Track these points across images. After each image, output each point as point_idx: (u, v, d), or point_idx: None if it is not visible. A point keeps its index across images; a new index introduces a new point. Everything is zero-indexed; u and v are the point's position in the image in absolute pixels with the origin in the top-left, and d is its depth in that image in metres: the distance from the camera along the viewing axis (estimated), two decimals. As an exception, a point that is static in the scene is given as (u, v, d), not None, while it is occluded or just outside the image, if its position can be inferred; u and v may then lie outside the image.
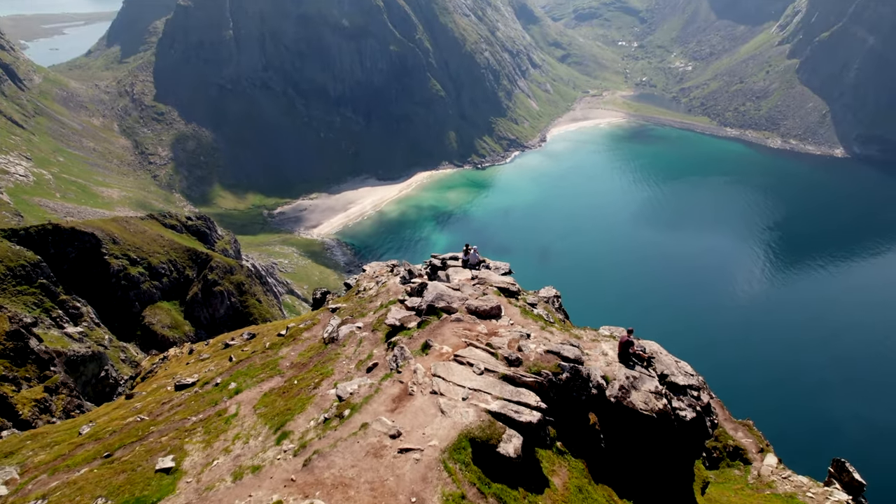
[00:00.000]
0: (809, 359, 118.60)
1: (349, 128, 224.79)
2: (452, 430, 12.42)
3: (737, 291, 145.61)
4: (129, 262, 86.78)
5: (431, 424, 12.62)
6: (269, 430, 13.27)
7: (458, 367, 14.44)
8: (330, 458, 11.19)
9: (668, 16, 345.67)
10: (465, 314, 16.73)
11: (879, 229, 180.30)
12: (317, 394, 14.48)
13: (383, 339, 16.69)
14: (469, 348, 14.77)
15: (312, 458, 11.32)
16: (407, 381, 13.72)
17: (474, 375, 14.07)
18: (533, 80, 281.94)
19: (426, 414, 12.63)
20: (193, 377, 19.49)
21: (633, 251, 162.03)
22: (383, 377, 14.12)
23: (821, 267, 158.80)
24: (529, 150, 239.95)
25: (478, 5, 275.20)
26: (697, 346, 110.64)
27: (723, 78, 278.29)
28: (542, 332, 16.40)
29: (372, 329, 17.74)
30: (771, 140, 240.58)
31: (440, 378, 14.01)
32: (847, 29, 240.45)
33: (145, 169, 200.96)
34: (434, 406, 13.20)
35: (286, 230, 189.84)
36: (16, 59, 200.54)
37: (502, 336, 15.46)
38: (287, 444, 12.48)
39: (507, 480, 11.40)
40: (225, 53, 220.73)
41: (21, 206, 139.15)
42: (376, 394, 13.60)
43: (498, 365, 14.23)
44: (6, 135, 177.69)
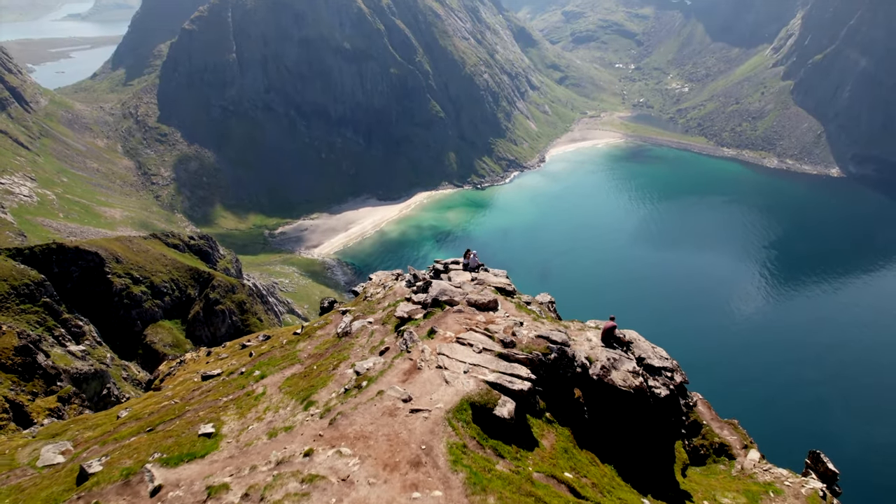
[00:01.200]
0: (801, 373, 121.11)
1: (350, 149, 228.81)
2: (455, 396, 14.68)
3: (734, 309, 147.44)
4: (132, 281, 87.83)
5: (437, 392, 14.92)
6: (296, 401, 15.36)
7: (459, 347, 16.85)
8: (351, 417, 13.37)
9: (663, 38, 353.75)
10: (465, 306, 19.13)
11: (876, 248, 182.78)
12: (336, 373, 16.64)
13: (393, 330, 18.96)
14: (469, 332, 17.19)
15: (336, 419, 13.48)
16: (416, 358, 16.08)
17: (474, 353, 16.46)
18: (532, 101, 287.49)
19: (433, 384, 14.89)
20: (218, 370, 21.35)
21: (631, 269, 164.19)
22: (395, 356, 16.45)
23: (817, 285, 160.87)
24: (528, 171, 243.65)
25: (477, 29, 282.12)
26: (694, 359, 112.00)
27: (719, 99, 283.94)
28: (534, 322, 18.71)
29: (382, 323, 19.99)
30: (767, 160, 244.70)
31: (444, 356, 16.37)
32: (840, 51, 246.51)
33: (148, 189, 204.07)
34: (439, 378, 15.47)
35: (287, 250, 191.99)
36: (23, 82, 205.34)
37: (498, 324, 17.88)
38: (313, 409, 14.60)
39: (502, 437, 13.62)
40: (228, 76, 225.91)
41: (24, 226, 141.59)
42: (389, 369, 15.86)
43: (494, 346, 16.69)
44: (11, 156, 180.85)
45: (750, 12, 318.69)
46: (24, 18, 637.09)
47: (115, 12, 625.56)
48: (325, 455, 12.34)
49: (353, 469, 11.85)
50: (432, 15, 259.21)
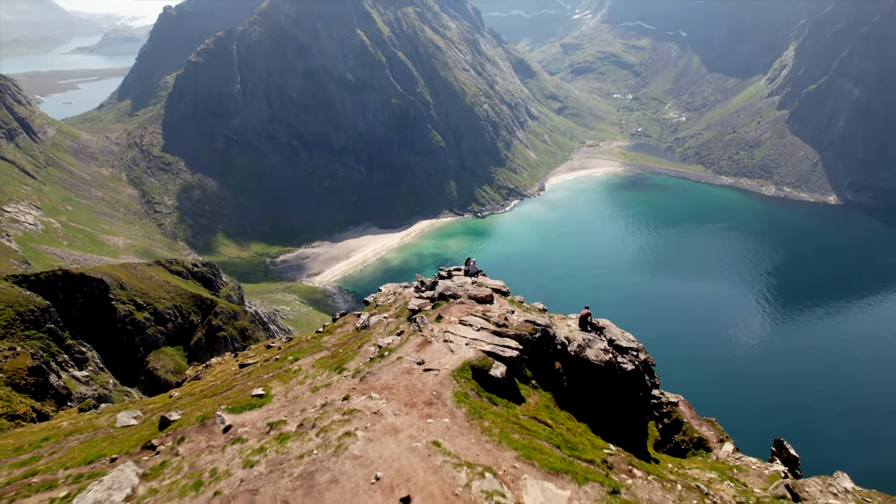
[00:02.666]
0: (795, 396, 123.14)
1: (352, 177, 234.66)
2: (459, 360, 18.43)
3: (732, 335, 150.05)
4: (136, 308, 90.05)
5: (444, 357, 18.66)
6: (330, 370, 18.97)
7: (462, 327, 20.82)
8: (377, 375, 17.07)
9: (660, 69, 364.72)
10: (466, 300, 23.14)
11: (875, 274, 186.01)
12: (360, 351, 20.34)
13: (406, 319, 22.83)
14: (470, 317, 21.16)
15: (366, 377, 17.21)
16: (426, 335, 19.98)
17: (473, 331, 20.35)
18: (531, 131, 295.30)
19: (440, 352, 18.68)
20: (252, 361, 24.76)
21: (631, 294, 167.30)
22: (410, 335, 20.32)
23: (816, 312, 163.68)
24: (528, 199, 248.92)
25: (477, 60, 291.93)
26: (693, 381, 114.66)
27: (716, 128, 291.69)
28: (524, 311, 22.58)
29: (396, 315, 23.78)
30: (765, 187, 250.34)
31: (450, 333, 20.21)
32: (833, 82, 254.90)
33: (151, 217, 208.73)
34: (446, 348, 19.30)
35: (288, 278, 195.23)
36: (31, 112, 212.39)
37: (494, 312, 21.88)
38: (346, 373, 18.28)
39: (495, 392, 17.36)
40: (232, 106, 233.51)
41: (28, 254, 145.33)
42: (405, 343, 19.66)
43: (490, 326, 20.69)
44: (18, 185, 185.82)
45: (744, 43, 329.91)
46: (34, 52, 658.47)
47: (122, 45, 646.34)
48: (359, 399, 15.95)
49: (381, 406, 15.47)
50: (433, 47, 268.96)
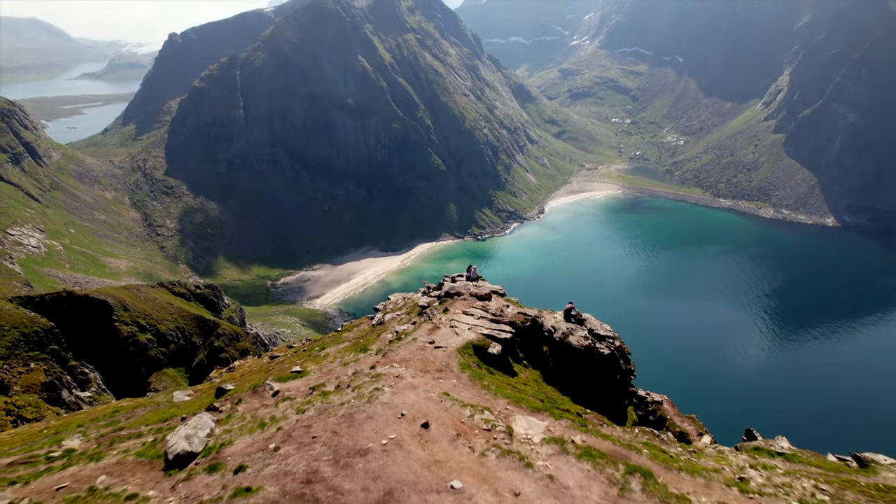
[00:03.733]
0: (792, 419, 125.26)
1: (352, 201, 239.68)
2: (462, 341, 22.47)
3: (732, 358, 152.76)
4: (139, 329, 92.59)
5: (451, 339, 22.63)
6: (356, 351, 22.75)
7: (465, 316, 24.83)
8: (396, 352, 20.91)
9: (658, 94, 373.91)
10: (469, 297, 27.27)
11: (875, 296, 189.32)
12: (380, 337, 24.32)
13: (417, 314, 26.61)
14: (472, 309, 25.16)
15: (387, 353, 21.11)
16: (436, 322, 24.11)
17: (474, 320, 24.37)
18: (530, 154, 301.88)
19: (448, 335, 22.66)
20: (281, 354, 28.34)
21: (630, 315, 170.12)
22: (422, 323, 24.19)
23: (816, 334, 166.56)
24: (528, 222, 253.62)
25: (477, 86, 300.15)
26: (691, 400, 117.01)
27: (714, 151, 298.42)
28: (517, 306, 26.42)
29: (407, 312, 27.72)
30: (764, 210, 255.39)
31: (455, 321, 24.21)
32: (828, 106, 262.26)
33: (153, 240, 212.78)
34: (452, 332, 23.27)
35: (289, 301, 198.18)
36: (37, 137, 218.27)
37: (492, 306, 26.00)
38: (369, 352, 22.10)
39: (492, 365, 21.34)
40: (235, 130, 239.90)
41: (31, 277, 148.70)
42: (418, 329, 23.66)
43: (488, 316, 24.84)
44: (23, 208, 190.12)
45: (740, 69, 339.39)
46: (40, 78, 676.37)
47: (127, 71, 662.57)
48: (383, 367, 19.71)
49: (401, 371, 19.28)
50: (433, 73, 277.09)
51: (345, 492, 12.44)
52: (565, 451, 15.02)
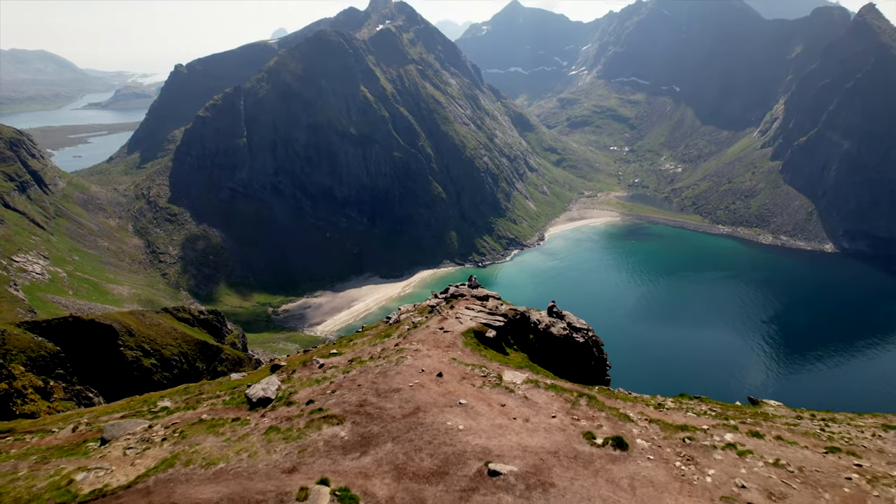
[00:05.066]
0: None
1: (354, 228, 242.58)
2: (465, 327, 28.04)
3: (731, 382, 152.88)
4: (143, 354, 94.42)
5: (456, 326, 28.08)
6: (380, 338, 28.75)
7: (467, 311, 30.58)
8: (414, 335, 27.09)
9: (655, 122, 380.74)
10: (470, 297, 33.58)
11: (875, 322, 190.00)
12: (398, 329, 30.67)
13: (427, 312, 32.77)
14: (473, 305, 31.51)
15: (406, 336, 27.45)
16: (444, 315, 30.02)
17: (474, 313, 30.14)
18: (530, 182, 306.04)
19: (454, 324, 28.50)
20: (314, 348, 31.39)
21: (631, 342, 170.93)
22: (432, 316, 30.56)
23: (814, 359, 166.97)
24: (528, 249, 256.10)
25: (477, 115, 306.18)
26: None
27: (712, 178, 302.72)
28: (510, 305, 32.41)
29: (419, 312, 33.99)
30: (762, 236, 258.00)
31: (459, 314, 29.97)
32: (822, 134, 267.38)
33: (155, 267, 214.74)
34: (457, 322, 28.87)
35: (290, 327, 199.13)
36: (44, 166, 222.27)
37: (489, 304, 32.13)
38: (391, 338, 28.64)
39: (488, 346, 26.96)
40: (238, 159, 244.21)
41: (35, 303, 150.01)
42: (430, 320, 29.67)
43: (486, 310, 30.67)
44: (28, 235, 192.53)
45: (735, 98, 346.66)
46: (48, 108, 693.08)
47: (132, 101, 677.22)
48: (404, 345, 25.05)
49: (419, 347, 24.54)
50: (434, 102, 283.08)
51: (386, 408, 17.74)
52: (537, 386, 20.65)
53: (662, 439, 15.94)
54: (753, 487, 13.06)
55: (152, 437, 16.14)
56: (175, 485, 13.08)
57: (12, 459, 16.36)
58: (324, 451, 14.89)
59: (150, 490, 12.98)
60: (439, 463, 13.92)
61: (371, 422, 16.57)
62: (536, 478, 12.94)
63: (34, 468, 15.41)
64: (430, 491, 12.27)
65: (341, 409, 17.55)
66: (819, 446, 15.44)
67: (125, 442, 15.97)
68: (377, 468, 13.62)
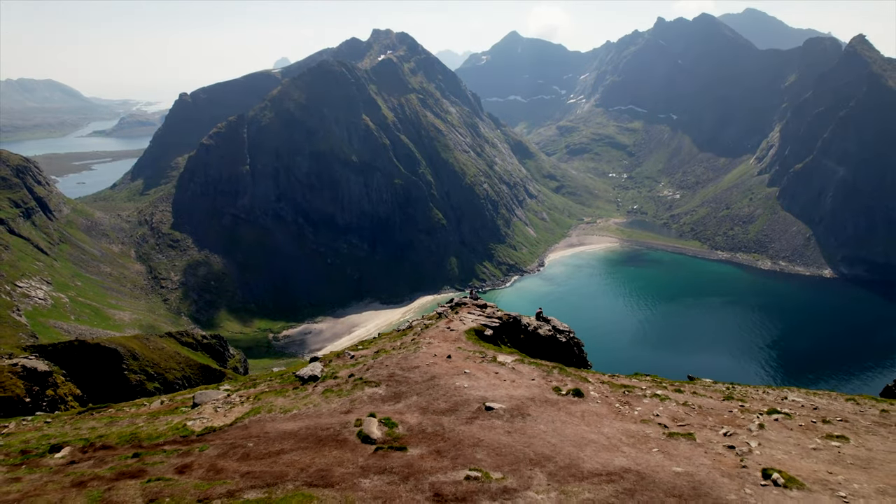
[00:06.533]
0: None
1: (355, 254, 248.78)
2: (467, 327, 33.99)
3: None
4: (147, 378, 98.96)
5: (460, 326, 34.13)
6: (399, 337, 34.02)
7: (468, 315, 36.93)
8: (426, 333, 33.00)
9: (653, 150, 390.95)
10: (471, 305, 40.16)
11: (875, 347, 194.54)
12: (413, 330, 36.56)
13: (436, 317, 38.76)
14: (473, 310, 37.56)
15: (420, 333, 33.45)
16: (449, 318, 36.67)
17: (475, 316, 36.52)
18: (530, 209, 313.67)
19: (458, 325, 34.72)
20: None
21: (631, 368, 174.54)
22: (440, 320, 36.71)
23: (814, 385, 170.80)
24: (528, 275, 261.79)
25: (476, 142, 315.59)
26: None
27: (710, 205, 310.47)
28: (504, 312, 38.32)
29: (429, 319, 38.76)
30: (761, 262, 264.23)
31: (462, 317, 36.32)
32: (818, 161, 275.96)
33: (157, 293, 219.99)
34: (461, 322, 34.90)
35: (290, 353, 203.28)
36: (49, 192, 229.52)
37: (487, 310, 38.39)
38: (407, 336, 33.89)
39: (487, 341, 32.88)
40: (241, 186, 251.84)
41: (36, 328, 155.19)
42: (438, 322, 36.04)
43: (484, 314, 37.32)
44: (32, 261, 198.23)
45: (732, 125, 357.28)
46: (53, 135, 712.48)
47: (136, 129, 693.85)
48: (420, 339, 30.78)
49: (431, 341, 30.16)
50: (434, 130, 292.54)
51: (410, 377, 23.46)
52: (523, 362, 26.45)
53: (609, 392, 21.74)
54: (664, 416, 18.82)
55: (233, 401, 21.99)
56: (264, 423, 18.88)
57: (126, 419, 22.16)
58: (368, 401, 20.49)
59: (247, 426, 18.78)
60: (451, 405, 19.49)
61: (399, 385, 22.33)
62: (518, 411, 18.60)
63: (149, 421, 21.23)
64: (446, 419, 18.05)
65: (376, 378, 23.52)
66: (720, 397, 21.37)
67: (213, 404, 21.77)
68: (407, 409, 19.28)
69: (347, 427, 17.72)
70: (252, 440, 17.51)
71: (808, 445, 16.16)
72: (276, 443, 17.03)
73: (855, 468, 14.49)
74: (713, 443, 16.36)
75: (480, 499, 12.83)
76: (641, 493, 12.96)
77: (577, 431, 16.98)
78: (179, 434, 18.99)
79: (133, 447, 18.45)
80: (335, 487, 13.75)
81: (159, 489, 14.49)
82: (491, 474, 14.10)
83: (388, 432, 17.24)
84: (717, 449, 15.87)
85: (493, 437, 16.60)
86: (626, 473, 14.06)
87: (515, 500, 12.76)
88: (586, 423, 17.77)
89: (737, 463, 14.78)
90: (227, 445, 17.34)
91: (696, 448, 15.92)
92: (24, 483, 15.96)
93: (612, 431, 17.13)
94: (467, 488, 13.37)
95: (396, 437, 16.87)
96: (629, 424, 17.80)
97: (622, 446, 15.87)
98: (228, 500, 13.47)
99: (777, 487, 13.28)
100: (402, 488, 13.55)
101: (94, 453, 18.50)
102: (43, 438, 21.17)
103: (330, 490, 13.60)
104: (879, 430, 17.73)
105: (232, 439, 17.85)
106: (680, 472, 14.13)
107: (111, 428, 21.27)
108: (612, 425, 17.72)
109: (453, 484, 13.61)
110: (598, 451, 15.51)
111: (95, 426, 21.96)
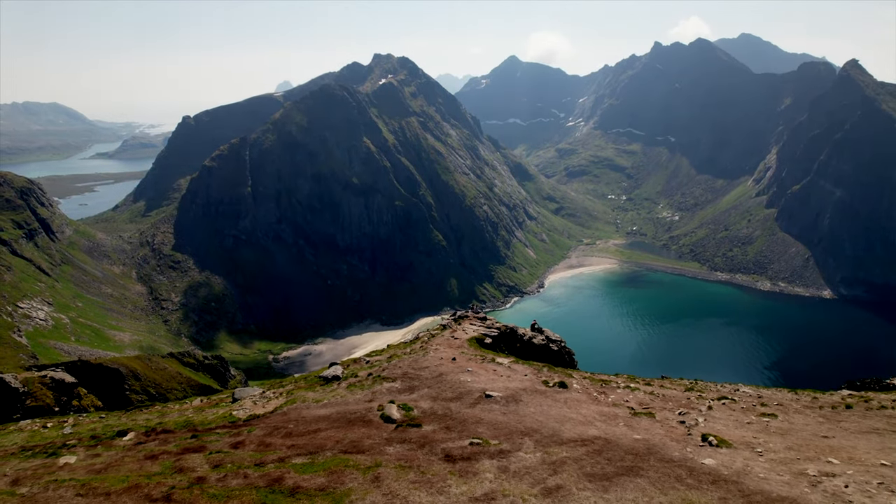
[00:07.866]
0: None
1: (355, 276, 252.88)
2: (469, 336, 38.58)
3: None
4: (148, 398, 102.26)
5: (463, 335, 38.58)
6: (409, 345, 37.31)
7: (470, 325, 41.63)
8: (433, 341, 36.91)
9: (652, 172, 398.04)
10: (472, 317, 44.26)
11: (876, 369, 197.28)
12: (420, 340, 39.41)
13: (441, 329, 41.28)
14: (474, 322, 40.78)
15: (428, 341, 37.39)
16: (453, 328, 41.14)
17: (476, 327, 41.19)
18: (529, 230, 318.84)
19: (461, 334, 39.15)
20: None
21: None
22: (444, 331, 39.72)
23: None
24: (528, 296, 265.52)
25: (476, 165, 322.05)
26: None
27: (709, 226, 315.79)
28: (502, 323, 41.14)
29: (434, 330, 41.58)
30: (760, 283, 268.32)
31: (464, 327, 41.04)
32: (815, 183, 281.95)
33: (157, 314, 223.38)
34: (463, 332, 39.42)
35: (290, 375, 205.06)
36: (52, 214, 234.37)
37: (487, 322, 41.91)
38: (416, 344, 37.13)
39: (487, 348, 35.70)
40: (242, 208, 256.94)
41: (37, 349, 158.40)
42: (443, 332, 40.40)
43: (484, 325, 41.27)
44: (33, 282, 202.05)
45: (729, 148, 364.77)
46: (56, 157, 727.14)
47: (139, 151, 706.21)
48: (428, 346, 35.27)
49: (437, 347, 34.53)
50: (435, 153, 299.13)
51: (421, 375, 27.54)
52: (518, 363, 30.82)
53: (590, 385, 25.83)
54: (633, 401, 23.13)
55: (268, 395, 26.14)
56: (300, 410, 22.96)
57: (175, 412, 26.16)
58: (386, 393, 24.60)
59: (285, 413, 22.84)
60: (457, 395, 23.61)
61: (412, 380, 26.37)
62: (512, 398, 22.76)
63: (197, 413, 25.26)
64: (453, 405, 22.16)
65: (392, 376, 27.53)
66: (682, 389, 25.53)
67: (251, 399, 25.90)
68: (420, 398, 23.41)
69: (371, 411, 21.76)
70: (292, 423, 21.54)
71: (744, 421, 20.36)
72: (313, 424, 21.06)
73: (776, 435, 18.60)
74: (669, 420, 20.54)
75: (482, 457, 16.87)
76: (607, 452, 17.01)
77: (560, 412, 21.11)
78: (227, 420, 23.02)
79: (190, 431, 22.46)
80: (366, 453, 17.81)
81: (220, 459, 18.53)
82: (490, 441, 18.19)
83: (405, 414, 21.29)
84: (671, 424, 20.05)
85: (491, 416, 20.69)
86: (596, 440, 18.17)
87: (509, 458, 16.79)
88: (568, 406, 21.88)
89: (684, 432, 18.92)
90: (270, 427, 21.37)
91: (654, 423, 20.10)
92: (105, 458, 20.02)
93: (588, 412, 21.27)
94: (471, 451, 17.44)
95: (413, 418, 20.92)
96: (603, 407, 21.98)
97: (595, 422, 20.03)
98: (280, 464, 17.48)
99: (711, 447, 17.37)
100: (419, 452, 17.60)
101: (156, 436, 22.56)
102: (107, 428, 25.20)
103: (362, 455, 17.66)
104: (806, 411, 21.87)
105: (274, 423, 21.87)
106: (638, 439, 18.24)
107: (165, 418, 25.30)
108: (588, 408, 21.88)
109: (460, 448, 17.68)
110: (575, 426, 19.64)
111: (150, 418, 26.00)
